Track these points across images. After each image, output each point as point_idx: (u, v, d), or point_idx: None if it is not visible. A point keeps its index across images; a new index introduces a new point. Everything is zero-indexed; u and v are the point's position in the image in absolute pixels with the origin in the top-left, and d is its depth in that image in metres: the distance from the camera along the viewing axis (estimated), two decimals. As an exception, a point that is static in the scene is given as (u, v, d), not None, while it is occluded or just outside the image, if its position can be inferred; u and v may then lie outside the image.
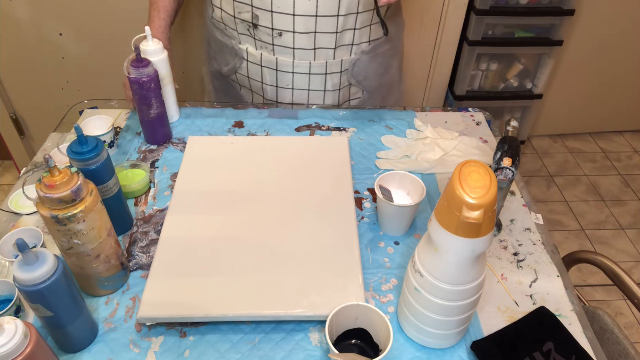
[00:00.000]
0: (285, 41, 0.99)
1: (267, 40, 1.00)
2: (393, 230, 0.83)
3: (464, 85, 2.13)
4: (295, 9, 0.94)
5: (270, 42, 1.00)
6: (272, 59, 1.03)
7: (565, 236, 2.03)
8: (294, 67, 1.03)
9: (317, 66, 1.03)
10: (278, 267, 0.75)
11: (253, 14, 0.97)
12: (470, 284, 0.61)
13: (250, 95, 1.14)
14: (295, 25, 0.96)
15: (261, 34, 1.00)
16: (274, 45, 1.01)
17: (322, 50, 1.02)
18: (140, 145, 1.00)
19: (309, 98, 1.10)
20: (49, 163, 0.61)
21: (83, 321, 0.66)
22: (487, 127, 1.10)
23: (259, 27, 0.99)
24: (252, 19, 0.98)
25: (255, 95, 1.13)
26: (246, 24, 1.00)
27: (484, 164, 0.57)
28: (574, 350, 0.68)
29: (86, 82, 1.84)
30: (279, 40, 0.99)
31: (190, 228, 0.81)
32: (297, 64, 1.03)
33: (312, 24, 0.97)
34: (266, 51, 1.03)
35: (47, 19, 1.68)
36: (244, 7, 0.98)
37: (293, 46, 1.00)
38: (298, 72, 1.04)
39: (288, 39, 0.99)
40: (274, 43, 1.00)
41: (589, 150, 2.46)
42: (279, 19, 0.96)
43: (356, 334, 0.68)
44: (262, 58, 1.04)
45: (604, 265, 0.94)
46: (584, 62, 2.23)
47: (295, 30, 0.97)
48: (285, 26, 0.97)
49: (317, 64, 1.03)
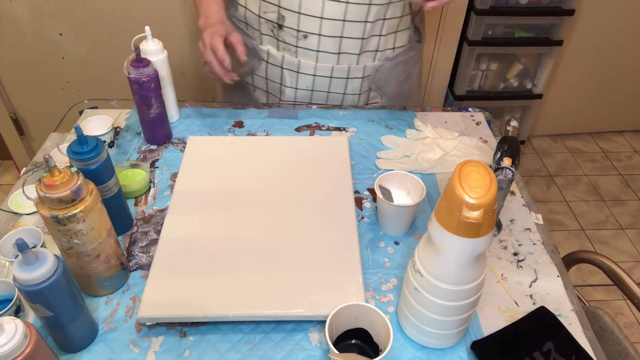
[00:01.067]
0: (310, 44, 0.99)
1: (291, 41, 1.00)
2: (393, 230, 0.83)
3: (464, 85, 2.13)
4: (323, 12, 0.93)
5: (294, 43, 1.00)
6: (295, 61, 1.02)
7: (565, 236, 2.03)
8: (315, 70, 1.03)
9: (339, 70, 1.03)
10: (278, 267, 0.75)
11: (279, 14, 0.97)
12: (470, 284, 0.61)
13: (265, 98, 1.13)
14: (322, 28, 0.96)
15: (285, 35, 0.99)
16: (297, 47, 1.00)
17: (346, 55, 1.01)
18: (140, 145, 1.00)
19: (327, 100, 1.10)
20: (49, 163, 0.61)
21: (83, 321, 0.66)
22: (487, 127, 1.10)
23: (284, 28, 0.98)
24: (278, 20, 0.98)
25: (270, 96, 1.12)
26: (271, 24, 0.99)
27: (484, 164, 0.57)
28: (574, 350, 0.68)
29: (86, 82, 1.84)
30: (303, 42, 0.99)
31: (190, 228, 0.81)
32: (320, 67, 1.02)
33: (339, 28, 0.96)
34: (289, 53, 1.02)
35: (47, 19, 1.68)
36: (270, 7, 0.97)
37: (317, 49, 0.99)
38: (319, 75, 1.04)
39: (313, 42, 0.98)
40: (298, 45, 1.00)
41: (589, 150, 2.46)
42: (306, 21, 0.95)
43: (356, 334, 0.68)
44: (283, 60, 1.03)
45: (604, 265, 0.94)
46: (584, 62, 2.23)
47: (321, 33, 0.97)
48: (311, 28, 0.96)
49: (340, 68, 1.03)
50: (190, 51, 1.81)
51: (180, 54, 1.77)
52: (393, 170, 0.92)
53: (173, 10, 1.71)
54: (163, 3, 1.69)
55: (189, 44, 1.79)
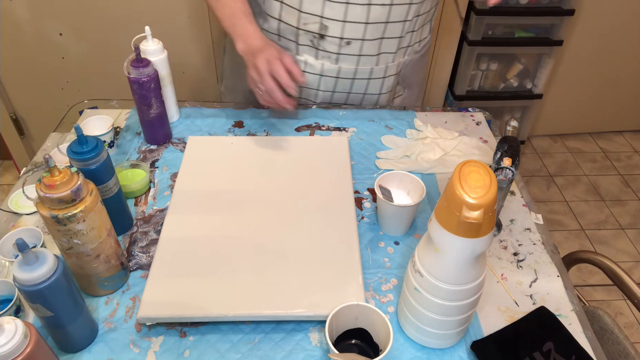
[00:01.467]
0: (352, 49, 0.98)
1: (333, 49, 0.98)
2: (393, 230, 0.83)
3: (464, 85, 2.13)
4: (369, 17, 0.93)
5: (336, 51, 0.98)
6: (335, 67, 1.01)
7: (565, 236, 2.03)
8: (355, 73, 1.02)
9: (378, 71, 1.03)
10: (278, 267, 0.75)
11: (322, 24, 0.95)
12: (470, 284, 0.61)
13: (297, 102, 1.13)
14: (366, 33, 0.95)
15: (327, 44, 0.97)
16: (339, 55, 0.99)
17: (385, 55, 1.01)
18: (140, 145, 1.00)
19: (363, 100, 1.10)
20: (49, 163, 0.61)
21: (83, 321, 0.66)
22: (487, 127, 1.10)
23: (326, 38, 0.96)
24: (320, 30, 0.95)
25: (302, 101, 1.11)
26: (311, 34, 0.97)
27: (484, 164, 0.57)
28: (574, 350, 0.68)
29: (86, 82, 1.84)
30: (345, 49, 0.97)
31: (190, 228, 0.81)
32: (360, 70, 1.02)
33: (382, 30, 0.96)
34: (329, 61, 1.00)
35: (47, 19, 1.68)
36: (311, 18, 0.94)
37: (359, 53, 0.98)
38: (358, 78, 1.03)
39: (355, 47, 0.97)
40: (339, 52, 0.98)
41: (589, 150, 2.46)
42: (351, 28, 0.94)
43: (356, 334, 0.68)
44: (323, 68, 1.01)
45: (604, 265, 0.94)
46: (584, 62, 2.23)
47: (364, 38, 0.96)
48: (355, 35, 0.95)
49: (378, 68, 1.02)
50: (190, 51, 1.81)
51: (180, 54, 1.77)
52: (393, 170, 0.92)
53: (173, 10, 1.71)
54: (163, 3, 1.69)
55: (189, 44, 1.79)
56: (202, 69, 1.87)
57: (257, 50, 0.90)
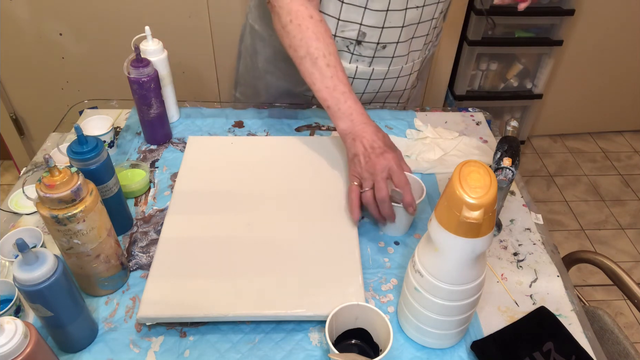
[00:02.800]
0: (387, 52, 0.98)
1: (368, 54, 0.98)
2: (393, 230, 0.83)
3: (464, 85, 2.13)
4: (405, 21, 0.93)
5: (371, 55, 0.98)
6: (368, 70, 1.01)
7: (565, 236, 2.04)
8: (387, 74, 1.02)
9: (406, 69, 1.04)
10: (278, 267, 0.75)
11: (360, 31, 0.94)
12: (470, 284, 0.61)
13: None
14: (401, 36, 0.95)
15: (363, 49, 0.97)
16: (373, 58, 0.98)
17: (413, 53, 1.02)
18: (140, 145, 1.00)
19: (389, 97, 1.11)
20: (49, 163, 0.61)
21: (83, 321, 0.66)
22: (487, 127, 1.10)
23: (363, 43, 0.96)
24: (358, 37, 0.95)
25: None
26: (348, 41, 0.96)
27: (484, 164, 0.57)
28: (574, 350, 0.68)
29: (86, 82, 1.84)
30: (380, 52, 0.97)
31: (190, 228, 0.81)
32: (391, 70, 1.02)
33: (413, 31, 0.96)
34: (363, 64, 1.00)
35: (47, 19, 1.68)
36: (349, 26, 0.94)
37: (393, 55, 0.99)
38: (389, 78, 1.04)
39: (390, 50, 0.97)
40: (375, 56, 0.98)
41: (589, 150, 2.46)
42: (388, 33, 0.94)
43: (356, 334, 0.68)
44: (356, 71, 1.01)
45: (604, 265, 0.94)
46: (584, 62, 2.23)
47: (399, 41, 0.96)
48: (391, 39, 0.95)
49: (407, 67, 1.03)
50: (190, 51, 1.81)
51: (180, 54, 1.77)
52: None
53: (173, 10, 1.71)
54: (163, 3, 1.69)
55: (189, 44, 1.79)
56: (202, 69, 1.87)
57: (377, 147, 0.80)
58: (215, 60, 1.85)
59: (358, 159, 0.80)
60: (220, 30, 1.78)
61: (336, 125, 0.84)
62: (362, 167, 0.79)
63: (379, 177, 0.77)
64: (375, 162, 0.78)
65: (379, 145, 0.80)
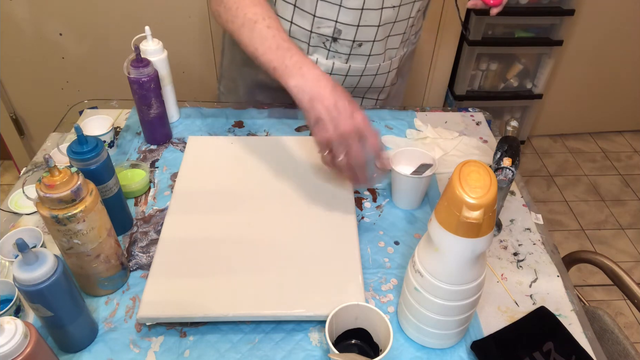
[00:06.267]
0: (364, 50, 0.98)
1: (345, 51, 0.98)
2: (407, 202, 0.87)
3: (464, 85, 2.13)
4: (380, 20, 0.93)
5: (347, 52, 0.98)
6: (345, 66, 1.01)
7: (565, 236, 2.04)
8: (363, 71, 1.02)
9: (384, 67, 1.04)
10: (278, 267, 0.75)
11: (335, 28, 0.94)
12: (470, 284, 0.61)
13: None
14: (377, 34, 0.95)
15: (339, 46, 0.97)
16: (350, 55, 0.98)
17: (390, 51, 1.02)
18: (140, 145, 1.00)
19: (367, 92, 1.11)
20: (49, 163, 0.61)
21: (83, 321, 0.66)
22: (487, 127, 1.10)
23: (339, 40, 0.96)
24: (334, 34, 0.95)
25: None
26: (324, 37, 0.96)
27: (484, 164, 0.57)
28: (574, 350, 0.68)
29: (86, 82, 1.84)
30: (357, 50, 0.97)
31: (190, 228, 0.81)
32: (368, 67, 1.02)
33: (389, 30, 0.97)
34: (339, 60, 1.00)
35: (47, 19, 1.68)
36: (325, 22, 0.94)
37: (369, 53, 0.99)
38: (366, 75, 1.04)
39: (366, 48, 0.97)
40: (351, 53, 0.98)
41: (589, 150, 2.46)
42: (364, 31, 0.94)
43: (356, 334, 0.68)
44: (333, 67, 1.00)
45: (604, 265, 0.94)
46: (584, 62, 2.23)
47: (375, 39, 0.96)
48: (367, 37, 0.95)
49: (385, 64, 1.03)
50: (190, 51, 1.81)
51: (180, 54, 1.77)
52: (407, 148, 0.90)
53: (173, 10, 1.71)
54: (163, 3, 1.69)
55: (189, 44, 1.79)
56: (202, 69, 1.87)
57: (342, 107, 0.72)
58: (215, 60, 1.86)
59: (323, 124, 0.72)
60: (220, 30, 1.77)
61: (286, 85, 0.76)
62: (331, 133, 0.72)
63: (353, 141, 0.72)
64: (345, 125, 0.71)
65: (343, 105, 0.72)
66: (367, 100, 1.14)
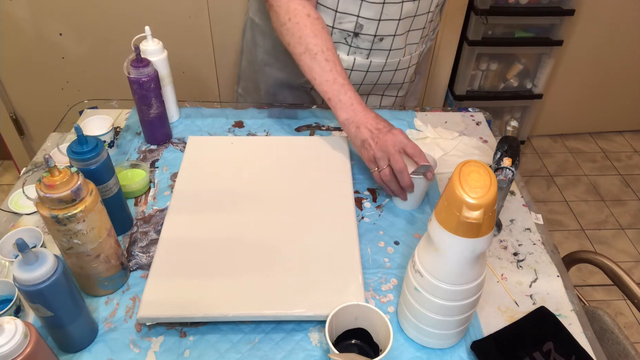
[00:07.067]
0: (384, 45, 0.98)
1: (366, 46, 0.99)
2: (410, 203, 0.87)
3: (464, 85, 2.13)
4: (401, 13, 0.94)
5: (368, 47, 0.99)
6: (366, 62, 1.01)
7: (565, 236, 2.04)
8: (384, 66, 1.03)
9: (404, 62, 1.04)
10: (278, 267, 0.75)
11: (357, 23, 0.95)
12: (470, 284, 0.61)
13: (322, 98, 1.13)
14: (398, 28, 0.96)
15: (360, 41, 0.98)
16: (371, 50, 0.99)
17: (410, 46, 1.03)
18: (140, 145, 1.00)
19: (387, 89, 1.11)
20: (49, 163, 0.61)
21: (83, 321, 0.66)
22: (487, 127, 1.10)
23: (360, 35, 0.97)
24: (355, 29, 0.96)
25: None
26: (345, 33, 0.97)
27: (484, 164, 0.57)
28: (574, 350, 0.68)
29: (86, 82, 1.84)
30: (378, 44, 0.98)
31: (190, 228, 0.81)
32: (389, 63, 1.02)
33: (410, 23, 0.97)
34: (360, 56, 1.01)
35: (47, 19, 1.68)
36: (347, 18, 0.95)
37: (390, 48, 0.99)
38: (386, 70, 1.04)
39: (387, 43, 0.98)
40: (372, 48, 0.99)
41: (589, 150, 2.46)
42: (385, 25, 0.95)
43: (356, 334, 0.68)
44: (354, 63, 1.01)
45: (604, 265, 0.94)
46: (584, 62, 2.23)
47: (396, 34, 0.97)
48: (388, 31, 0.96)
49: (405, 60, 1.04)
50: (190, 51, 1.81)
51: (180, 54, 1.76)
52: None
53: (173, 10, 1.71)
54: (163, 3, 1.69)
55: (189, 44, 1.79)
56: (202, 69, 1.87)
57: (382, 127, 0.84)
58: (215, 60, 1.86)
59: (368, 143, 0.84)
60: (220, 30, 1.78)
61: (338, 116, 0.88)
62: (374, 149, 0.83)
63: (393, 151, 0.82)
64: (385, 139, 0.82)
65: (384, 126, 0.84)
66: (386, 97, 1.14)
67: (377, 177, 0.85)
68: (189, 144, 0.97)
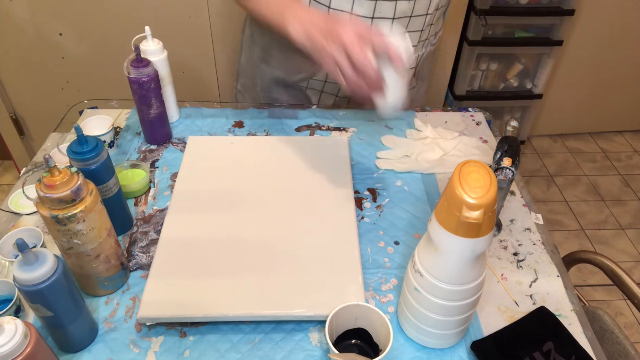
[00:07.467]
0: None
1: None
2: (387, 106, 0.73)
3: (464, 85, 2.13)
4: (395, 12, 0.93)
5: None
6: None
7: (565, 236, 2.04)
8: None
9: None
10: (278, 267, 0.75)
11: None
12: (470, 284, 0.61)
13: (317, 96, 1.12)
14: (392, 28, 0.95)
15: None
16: None
17: None
18: (140, 145, 1.00)
19: None
20: (49, 163, 0.61)
21: (83, 321, 0.66)
22: (487, 127, 1.10)
23: None
24: None
25: (324, 95, 1.11)
26: None
27: (484, 164, 0.57)
28: (574, 350, 0.68)
29: (86, 82, 1.84)
30: None
31: (190, 228, 0.81)
32: None
33: (405, 24, 0.96)
34: None
35: (47, 19, 1.68)
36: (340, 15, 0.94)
37: None
38: None
39: None
40: None
41: (589, 150, 2.46)
42: (378, 24, 0.94)
43: (356, 334, 0.68)
44: None
45: (604, 265, 0.94)
46: (584, 62, 2.23)
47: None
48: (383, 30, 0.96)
49: None
50: (190, 51, 1.81)
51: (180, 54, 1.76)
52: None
53: (173, 10, 1.71)
54: (163, 3, 1.69)
55: (189, 44, 1.79)
56: (202, 69, 1.87)
57: (323, 26, 0.72)
58: (215, 60, 1.86)
59: (320, 45, 0.70)
60: (220, 30, 1.78)
61: (288, 36, 0.77)
62: (328, 49, 0.69)
63: (349, 42, 0.67)
64: (337, 30, 0.68)
65: (336, 21, 0.71)
66: None
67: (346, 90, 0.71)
68: (189, 144, 0.97)
